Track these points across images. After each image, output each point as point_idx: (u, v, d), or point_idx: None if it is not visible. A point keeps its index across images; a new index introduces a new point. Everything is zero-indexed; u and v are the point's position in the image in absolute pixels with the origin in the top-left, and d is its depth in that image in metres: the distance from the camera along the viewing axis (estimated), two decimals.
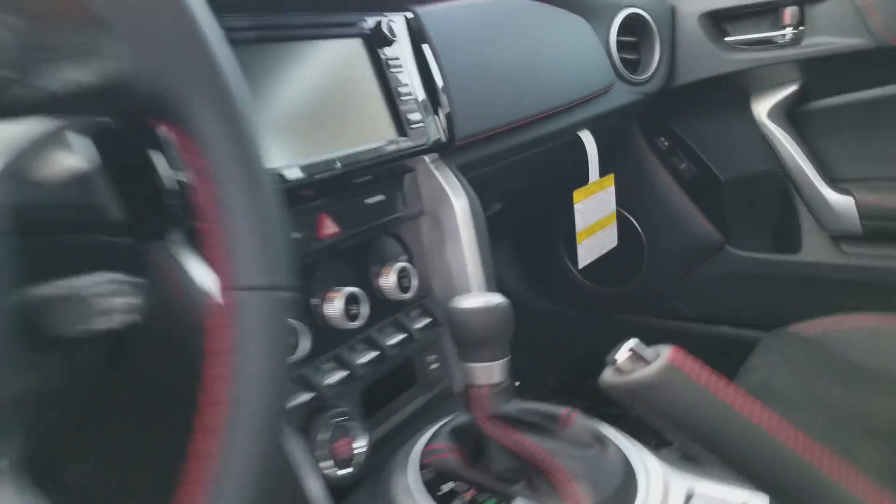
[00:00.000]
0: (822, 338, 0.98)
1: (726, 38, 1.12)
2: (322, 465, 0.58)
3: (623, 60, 1.05)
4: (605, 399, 0.50)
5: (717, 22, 1.12)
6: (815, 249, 1.14)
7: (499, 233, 0.92)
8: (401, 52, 0.65)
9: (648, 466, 0.53)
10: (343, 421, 0.60)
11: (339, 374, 0.60)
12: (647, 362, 0.40)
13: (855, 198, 1.06)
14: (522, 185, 1.03)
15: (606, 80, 0.99)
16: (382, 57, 0.62)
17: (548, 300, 1.38)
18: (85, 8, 0.25)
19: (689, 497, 0.52)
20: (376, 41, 0.62)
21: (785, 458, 0.40)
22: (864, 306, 1.00)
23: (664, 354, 0.39)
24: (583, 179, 1.00)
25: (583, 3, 1.00)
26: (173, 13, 0.27)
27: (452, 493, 0.54)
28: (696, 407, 0.40)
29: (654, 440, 0.61)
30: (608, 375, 0.41)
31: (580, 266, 1.02)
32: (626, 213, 1.23)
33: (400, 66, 0.63)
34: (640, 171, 1.22)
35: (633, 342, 0.40)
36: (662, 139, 1.23)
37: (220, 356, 0.29)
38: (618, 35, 1.04)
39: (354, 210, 0.62)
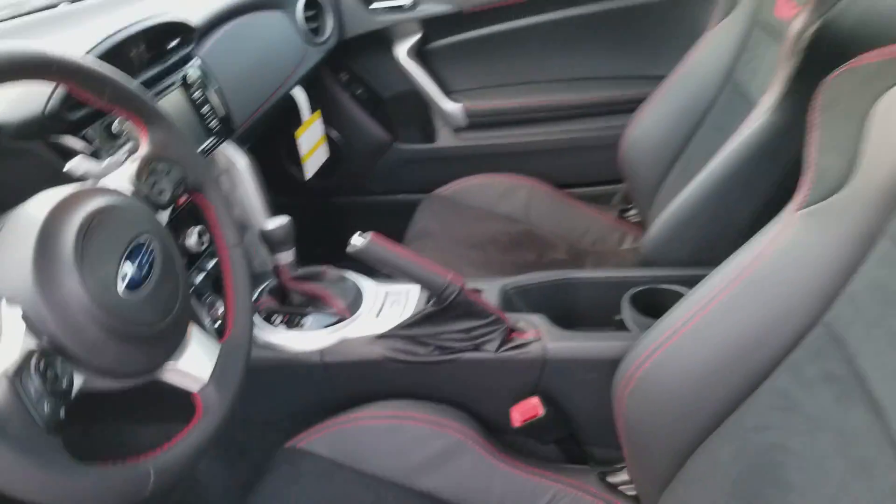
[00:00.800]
0: (453, 195, 1.65)
1: (371, 6, 1.64)
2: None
3: (309, 30, 1.53)
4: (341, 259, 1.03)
5: None
6: (444, 138, 1.79)
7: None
8: (201, 89, 1.06)
9: (366, 285, 1.12)
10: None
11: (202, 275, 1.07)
12: (364, 239, 0.95)
13: (461, 104, 1.71)
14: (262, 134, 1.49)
15: (302, 52, 1.47)
16: (193, 98, 1.04)
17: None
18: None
19: (385, 294, 1.12)
20: (187, 88, 1.04)
21: (424, 267, 0.98)
22: (474, 171, 1.66)
23: (370, 235, 0.94)
24: (299, 120, 1.50)
25: (279, 1, 1.44)
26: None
27: (275, 318, 1.07)
28: (385, 253, 0.95)
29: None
30: (350, 249, 0.95)
31: (307, 178, 1.54)
32: (329, 128, 1.75)
33: (200, 98, 1.05)
34: (333, 99, 1.73)
35: (359, 234, 0.94)
36: (342, 74, 1.75)
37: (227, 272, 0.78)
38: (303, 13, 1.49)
39: None
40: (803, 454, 0.60)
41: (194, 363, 0.69)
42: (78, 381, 0.57)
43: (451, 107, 1.70)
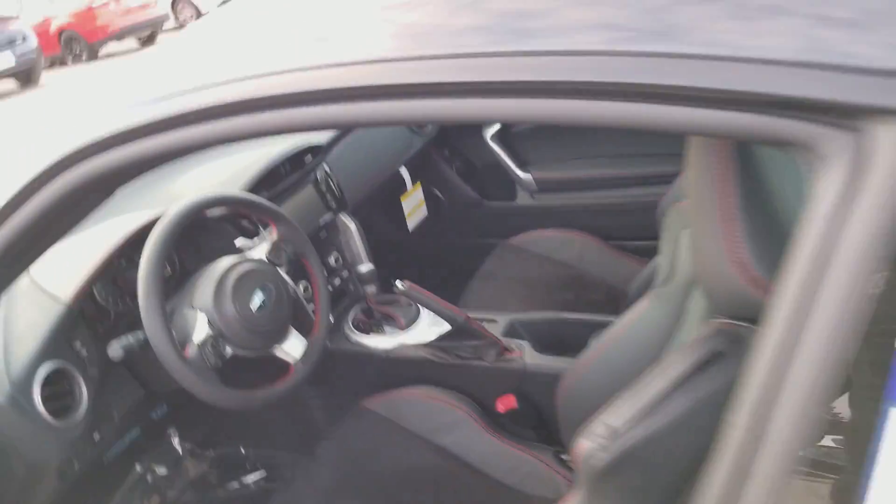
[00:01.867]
0: (521, 243, 2.15)
1: None
2: None
3: (416, 126, 2.12)
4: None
5: None
6: (522, 197, 2.30)
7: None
8: (326, 185, 1.70)
9: (422, 311, 1.67)
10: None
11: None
12: (404, 286, 1.51)
13: (531, 173, 2.22)
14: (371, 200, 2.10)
15: (408, 142, 2.07)
16: (320, 189, 1.67)
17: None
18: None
19: (433, 318, 1.65)
20: (315, 183, 1.67)
21: (441, 305, 1.52)
22: (545, 225, 2.15)
23: (408, 283, 1.50)
24: (404, 188, 2.11)
25: None
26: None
27: (367, 328, 1.67)
28: (415, 294, 1.48)
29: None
30: (395, 290, 1.51)
31: (410, 230, 2.15)
32: (434, 189, 2.35)
33: (325, 190, 1.69)
34: (437, 169, 2.31)
35: (399, 281, 1.51)
36: (445, 150, 2.34)
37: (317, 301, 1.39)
38: None
39: None
40: None
41: (292, 347, 1.30)
42: (229, 351, 1.19)
43: (524, 176, 2.21)
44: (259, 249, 1.32)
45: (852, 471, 0.42)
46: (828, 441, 0.43)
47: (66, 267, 1.27)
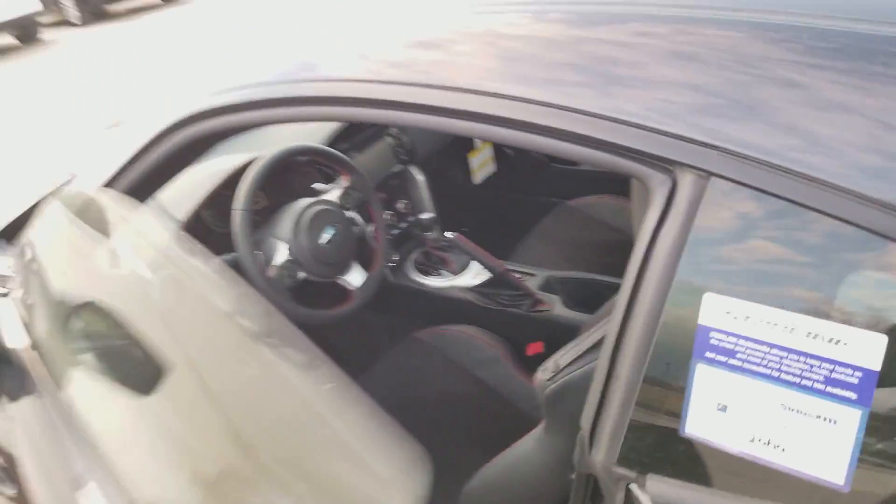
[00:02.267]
0: (580, 206, 2.31)
1: None
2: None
3: None
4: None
5: None
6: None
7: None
8: (398, 141, 1.93)
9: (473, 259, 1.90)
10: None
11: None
12: (452, 236, 1.74)
13: None
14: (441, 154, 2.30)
15: None
16: (393, 143, 1.90)
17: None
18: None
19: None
20: (391, 141, 1.90)
21: (482, 255, 1.74)
22: (605, 191, 2.31)
23: (456, 234, 1.72)
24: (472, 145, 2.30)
25: None
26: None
27: (425, 270, 1.91)
28: (461, 244, 1.70)
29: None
30: (446, 238, 1.74)
31: (476, 182, 2.35)
32: (505, 148, 2.51)
33: (397, 143, 1.92)
34: None
35: (447, 232, 1.73)
36: None
37: (378, 241, 1.65)
38: None
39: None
40: None
41: (353, 278, 1.56)
42: (302, 275, 1.46)
43: None
44: (332, 194, 1.57)
45: (677, 404, 0.62)
46: (659, 384, 0.63)
47: (183, 194, 1.57)
